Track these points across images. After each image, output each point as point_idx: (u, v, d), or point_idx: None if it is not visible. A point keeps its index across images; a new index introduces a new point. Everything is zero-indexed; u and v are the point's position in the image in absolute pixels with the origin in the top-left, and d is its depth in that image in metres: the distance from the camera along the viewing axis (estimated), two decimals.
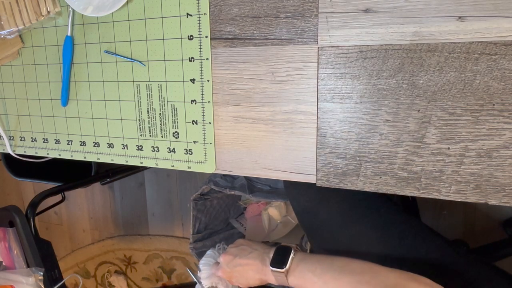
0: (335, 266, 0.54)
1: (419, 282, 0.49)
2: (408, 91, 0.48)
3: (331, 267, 0.54)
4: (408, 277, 0.50)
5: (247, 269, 0.64)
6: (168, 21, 0.59)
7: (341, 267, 0.54)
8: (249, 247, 0.67)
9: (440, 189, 0.49)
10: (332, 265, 0.55)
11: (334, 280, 0.53)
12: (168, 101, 0.62)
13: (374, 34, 0.48)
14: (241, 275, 0.65)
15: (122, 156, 0.69)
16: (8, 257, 0.85)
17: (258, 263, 0.63)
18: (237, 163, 0.60)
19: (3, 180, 2.18)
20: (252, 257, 0.64)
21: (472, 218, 1.21)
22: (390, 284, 0.49)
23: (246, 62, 0.56)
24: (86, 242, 1.99)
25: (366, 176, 0.52)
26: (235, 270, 0.65)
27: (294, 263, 0.58)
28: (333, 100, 0.52)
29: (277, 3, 0.52)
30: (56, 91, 0.72)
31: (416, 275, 0.50)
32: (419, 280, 0.49)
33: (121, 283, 1.88)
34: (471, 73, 0.44)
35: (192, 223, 1.05)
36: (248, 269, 0.64)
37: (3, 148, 0.81)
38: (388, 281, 0.49)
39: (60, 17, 0.68)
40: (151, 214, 1.78)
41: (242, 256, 0.65)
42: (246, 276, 0.64)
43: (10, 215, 0.83)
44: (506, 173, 0.45)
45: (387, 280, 0.50)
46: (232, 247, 0.69)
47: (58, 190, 1.00)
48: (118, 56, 0.64)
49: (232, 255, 0.67)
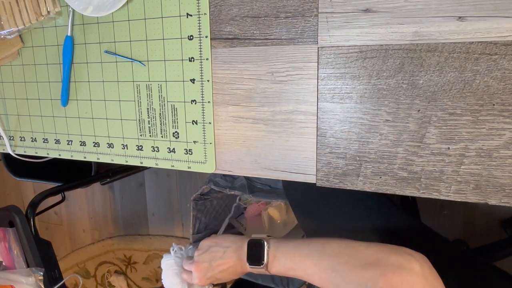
0: (313, 250, 0.52)
1: (399, 253, 0.46)
2: (408, 91, 0.48)
3: (309, 252, 0.53)
4: (388, 249, 0.47)
5: (227, 270, 0.61)
6: (168, 21, 0.59)
7: (319, 251, 0.52)
8: (219, 247, 0.63)
9: (440, 189, 0.49)
10: (310, 250, 0.53)
11: (314, 266, 0.51)
12: (168, 101, 0.62)
13: (374, 34, 0.48)
14: (223, 276, 0.62)
15: (122, 156, 0.69)
16: (8, 257, 0.85)
17: (236, 260, 0.60)
18: (237, 163, 0.60)
19: (3, 180, 2.18)
20: (227, 256, 0.61)
21: (472, 218, 1.21)
22: (369, 261, 0.46)
23: (246, 62, 0.56)
24: (86, 242, 1.99)
25: (366, 176, 0.52)
26: (215, 275, 0.62)
27: (271, 255, 0.56)
28: (333, 100, 0.52)
29: (277, 3, 0.52)
30: (56, 91, 0.72)
31: (396, 246, 0.47)
32: (399, 251, 0.46)
33: (121, 283, 1.88)
34: (471, 73, 0.44)
35: (192, 223, 1.05)
36: (228, 269, 0.61)
37: (3, 148, 0.81)
38: (367, 258, 0.47)
39: (60, 17, 0.68)
40: (151, 214, 1.78)
41: (217, 258, 0.61)
42: (228, 276, 0.62)
43: (10, 215, 0.83)
44: (506, 173, 0.45)
45: (365, 257, 0.47)
46: (201, 253, 0.64)
47: (58, 190, 1.00)
48: (118, 56, 0.64)
49: (205, 262, 0.62)
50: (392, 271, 0.44)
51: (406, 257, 0.45)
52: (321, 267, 0.50)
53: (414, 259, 0.45)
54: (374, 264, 0.46)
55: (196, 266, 0.62)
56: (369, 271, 0.45)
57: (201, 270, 0.62)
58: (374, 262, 0.46)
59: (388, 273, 0.44)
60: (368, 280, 0.45)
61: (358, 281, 0.46)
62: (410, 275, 0.43)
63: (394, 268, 0.44)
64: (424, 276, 0.43)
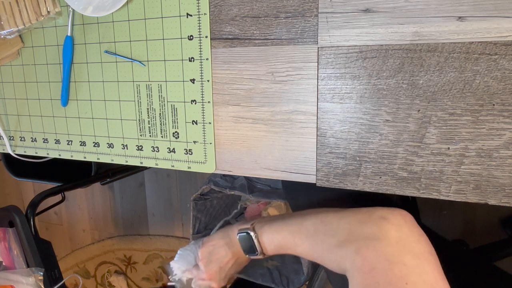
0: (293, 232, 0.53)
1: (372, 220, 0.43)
2: (408, 91, 0.48)
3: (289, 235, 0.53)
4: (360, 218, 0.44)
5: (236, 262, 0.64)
6: (168, 21, 0.59)
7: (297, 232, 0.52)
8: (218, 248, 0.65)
9: (440, 189, 0.49)
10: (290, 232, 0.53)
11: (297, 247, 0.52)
12: (168, 101, 0.62)
13: (374, 34, 0.48)
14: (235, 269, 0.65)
15: (122, 156, 0.69)
16: (8, 257, 0.85)
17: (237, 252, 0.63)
18: (237, 163, 0.60)
19: (3, 180, 2.18)
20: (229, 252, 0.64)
21: (472, 218, 1.21)
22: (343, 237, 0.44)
23: (246, 62, 0.56)
24: (86, 242, 1.99)
25: (366, 176, 0.52)
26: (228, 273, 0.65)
27: (262, 242, 0.58)
28: (333, 100, 0.52)
29: (277, 3, 0.52)
30: (56, 91, 0.72)
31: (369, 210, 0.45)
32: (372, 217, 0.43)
33: (121, 283, 1.88)
34: (471, 73, 0.44)
35: (192, 223, 1.05)
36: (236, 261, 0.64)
37: (3, 148, 0.81)
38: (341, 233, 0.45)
39: (60, 17, 0.68)
40: (151, 214, 1.78)
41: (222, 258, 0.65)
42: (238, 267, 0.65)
43: (10, 215, 0.83)
44: (506, 173, 0.45)
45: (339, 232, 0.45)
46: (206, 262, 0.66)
47: (58, 190, 1.00)
48: (118, 56, 0.64)
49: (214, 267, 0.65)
50: (366, 245, 0.41)
51: (380, 224, 0.42)
52: (304, 249, 0.51)
53: (389, 223, 0.42)
54: (348, 240, 0.43)
55: (209, 275, 0.65)
56: (344, 249, 0.43)
57: (215, 276, 0.65)
58: (347, 238, 0.44)
59: (363, 248, 0.41)
60: (344, 259, 0.43)
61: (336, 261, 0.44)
62: (385, 245, 0.40)
63: (368, 240, 0.41)
64: (402, 241, 0.40)
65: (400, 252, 0.40)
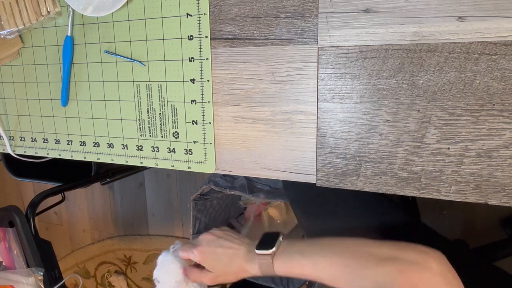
0: (324, 246, 0.50)
1: (415, 250, 0.44)
2: (408, 91, 0.48)
3: (321, 247, 0.50)
4: (403, 246, 0.45)
5: (229, 253, 0.57)
6: (168, 21, 0.59)
7: (331, 247, 0.50)
8: (235, 235, 0.61)
9: (440, 189, 0.49)
10: (322, 246, 0.51)
11: (324, 260, 0.48)
12: (168, 101, 0.62)
13: (374, 34, 0.48)
14: (219, 258, 0.58)
15: (122, 156, 0.69)
16: (8, 257, 0.85)
17: (243, 249, 0.57)
18: (237, 163, 0.60)
19: (3, 180, 2.18)
20: (237, 243, 0.58)
21: (472, 218, 1.21)
22: (385, 257, 0.44)
23: (246, 62, 0.56)
24: (86, 242, 1.99)
25: (366, 176, 0.52)
26: (215, 250, 0.58)
27: (282, 247, 0.54)
28: (333, 100, 0.52)
29: (277, 3, 0.52)
30: (56, 91, 0.72)
31: (411, 243, 0.45)
32: (414, 248, 0.44)
33: (121, 283, 1.88)
34: (471, 73, 0.44)
35: (192, 223, 1.05)
36: (230, 253, 0.57)
37: (3, 148, 0.81)
38: (383, 254, 0.45)
39: (60, 17, 0.68)
40: (151, 214, 1.78)
41: (227, 239, 0.59)
42: (225, 261, 0.57)
43: (10, 215, 0.83)
44: (506, 173, 0.45)
45: (381, 253, 0.45)
46: (216, 230, 0.62)
47: (58, 190, 1.00)
48: (118, 56, 0.64)
49: (215, 235, 0.60)
50: (410, 268, 0.42)
51: (422, 255, 0.43)
52: (332, 262, 0.48)
53: (431, 257, 0.43)
54: (391, 260, 0.43)
55: (205, 234, 0.61)
56: (386, 267, 0.43)
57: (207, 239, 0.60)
58: (390, 258, 0.44)
59: (406, 270, 0.42)
60: (385, 276, 0.42)
61: (373, 277, 0.43)
62: (428, 273, 0.41)
63: (412, 265, 0.42)
64: (443, 274, 0.42)
65: (442, 282, 0.41)
